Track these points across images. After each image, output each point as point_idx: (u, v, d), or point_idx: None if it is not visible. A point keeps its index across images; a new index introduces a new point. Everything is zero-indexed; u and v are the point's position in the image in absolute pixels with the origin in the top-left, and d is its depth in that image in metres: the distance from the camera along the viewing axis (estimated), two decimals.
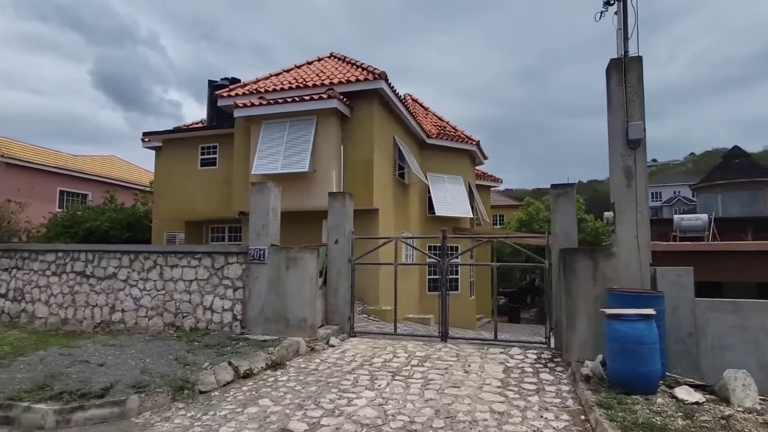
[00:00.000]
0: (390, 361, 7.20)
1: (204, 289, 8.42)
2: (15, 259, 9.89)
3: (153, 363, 6.25)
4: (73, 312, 9.26)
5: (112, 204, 21.64)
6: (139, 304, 8.80)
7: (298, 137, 13.09)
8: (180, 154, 16.85)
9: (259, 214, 8.28)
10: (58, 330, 9.26)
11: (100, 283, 9.13)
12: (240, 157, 14.48)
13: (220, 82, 17.77)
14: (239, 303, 8.19)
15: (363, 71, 13.74)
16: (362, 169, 13.25)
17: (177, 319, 8.52)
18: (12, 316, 9.75)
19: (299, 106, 12.99)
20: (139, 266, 8.89)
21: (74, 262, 9.38)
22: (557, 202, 7.92)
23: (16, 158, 21.29)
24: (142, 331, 8.65)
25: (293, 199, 13.14)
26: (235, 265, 8.30)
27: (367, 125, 13.40)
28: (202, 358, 6.56)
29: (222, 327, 8.22)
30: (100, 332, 8.93)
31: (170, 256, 8.69)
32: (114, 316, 8.93)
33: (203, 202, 16.34)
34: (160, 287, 8.71)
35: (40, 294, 9.58)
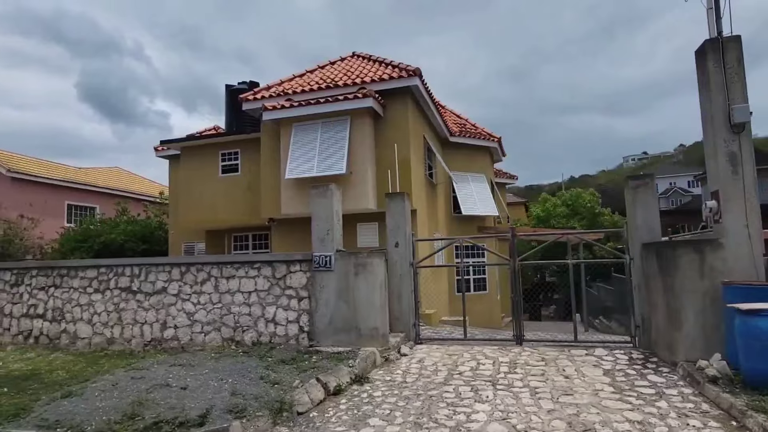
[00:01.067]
0: (477, 369, 6.78)
1: (265, 301, 7.94)
2: (52, 277, 9.33)
3: (238, 383, 5.77)
4: (119, 331, 8.72)
5: (124, 216, 21.01)
6: (193, 319, 8.29)
7: (331, 139, 12.65)
8: (199, 161, 16.33)
9: (322, 218, 7.83)
10: (105, 351, 8.71)
11: (149, 299, 8.61)
12: (268, 162, 14.00)
13: (238, 86, 17.28)
14: (305, 314, 7.72)
15: (394, 69, 13.33)
16: (399, 170, 12.82)
17: (236, 333, 8.02)
18: (51, 338, 9.19)
19: (332, 106, 12.54)
20: (192, 279, 8.39)
21: (119, 278, 8.85)
22: (636, 194, 7.54)
23: (23, 172, 20.59)
24: (198, 347, 8.14)
25: None
26: (298, 274, 7.83)
27: (401, 124, 12.99)
28: (286, 375, 6.09)
29: (287, 340, 7.74)
30: (152, 351, 8.40)
31: (226, 266, 8.20)
32: (166, 333, 8.41)
33: (226, 210, 15.83)
34: (215, 300, 8.21)
35: (82, 313, 9.03)
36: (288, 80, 14.75)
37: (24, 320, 9.44)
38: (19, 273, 9.61)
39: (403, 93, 12.95)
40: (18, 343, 9.41)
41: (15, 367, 7.65)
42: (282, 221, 13.94)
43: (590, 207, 24.76)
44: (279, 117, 13.08)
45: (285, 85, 14.41)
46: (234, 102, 17.19)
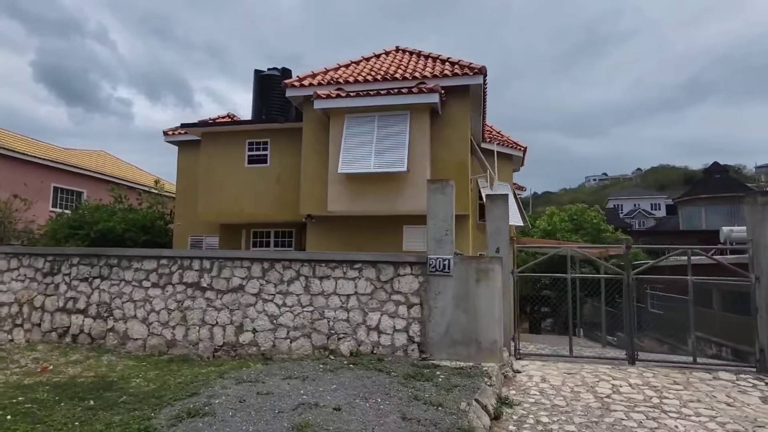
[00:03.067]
0: (620, 392, 6.19)
1: (367, 306, 7.07)
2: (98, 267, 8.10)
3: (390, 404, 4.91)
4: (183, 332, 7.61)
5: (120, 204, 19.35)
6: (277, 323, 7.31)
7: (390, 133, 11.85)
8: (222, 149, 15.11)
9: (439, 216, 7.06)
10: (164, 354, 7.58)
11: (222, 297, 7.56)
12: (311, 154, 13.02)
13: (269, 72, 16.20)
14: (416, 322, 6.90)
15: (454, 65, 12.70)
16: (454, 171, 12.13)
17: (330, 341, 7.10)
18: (94, 337, 7.95)
19: (392, 99, 11.76)
20: (276, 277, 7.41)
21: (184, 272, 7.74)
22: (765, 211, 7.19)
23: (9, 148, 18.62)
24: (283, 355, 7.16)
25: (383, 202, 11.91)
26: (408, 278, 7.01)
27: (460, 124, 12.34)
28: (436, 395, 5.27)
29: (393, 351, 6.90)
30: (225, 357, 7.35)
31: (319, 265, 7.27)
32: (242, 338, 7.38)
33: (253, 204, 14.67)
34: (305, 303, 7.26)
35: (136, 310, 7.85)
36: (333, 69, 13.85)
37: (59, 315, 8.15)
38: (56, 260, 8.31)
39: (463, 91, 12.32)
40: (50, 341, 8.11)
41: (72, 372, 6.46)
42: (322, 219, 12.99)
43: (596, 223, 24.88)
44: (331, 106, 12.16)
45: (331, 74, 13.51)
46: (263, 89, 16.11)
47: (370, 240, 12.46)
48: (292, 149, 14.51)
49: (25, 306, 8.31)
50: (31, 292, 8.32)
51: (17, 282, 8.42)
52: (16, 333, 8.29)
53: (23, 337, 8.25)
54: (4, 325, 8.36)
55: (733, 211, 40.22)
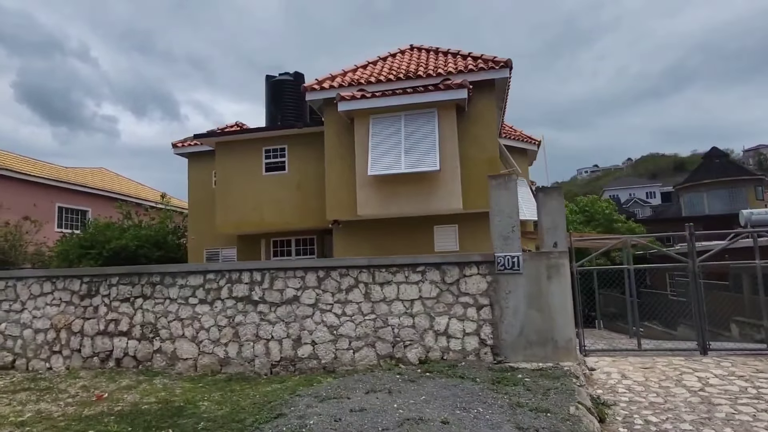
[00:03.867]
0: (710, 384, 5.93)
1: (433, 310, 6.75)
2: (140, 286, 7.70)
3: (495, 413, 4.59)
4: (236, 349, 7.24)
5: (129, 221, 18.87)
6: (337, 333, 6.96)
7: (418, 132, 11.56)
8: (238, 158, 14.72)
9: (504, 212, 6.77)
10: (216, 373, 7.20)
11: (275, 310, 7.20)
12: (334, 158, 12.69)
13: (281, 78, 15.89)
14: (487, 324, 6.60)
15: (476, 60, 12.45)
16: (484, 168, 11.85)
17: (396, 349, 6.77)
18: (140, 360, 7.54)
19: (418, 97, 11.47)
20: (334, 286, 7.06)
21: (233, 285, 7.37)
22: None
23: (11, 169, 18.07)
24: (347, 367, 6.82)
25: (415, 203, 11.62)
26: (475, 278, 6.71)
27: (487, 119, 12.08)
28: (536, 401, 4.97)
29: (465, 355, 6.59)
30: (285, 373, 6.99)
31: (379, 270, 6.95)
32: (301, 351, 7.02)
33: (273, 212, 14.29)
34: (367, 311, 6.93)
35: (183, 328, 7.47)
36: (351, 71, 13.56)
37: (101, 339, 7.73)
38: (93, 281, 7.89)
39: (489, 86, 12.07)
40: (93, 366, 7.68)
41: (131, 399, 6.06)
42: (348, 224, 12.66)
43: (608, 213, 24.76)
44: (356, 108, 11.85)
45: (350, 75, 13.22)
46: (276, 94, 15.81)
47: (400, 243, 12.16)
48: (311, 154, 14.19)
49: (63, 331, 7.88)
50: (68, 316, 7.90)
51: (52, 306, 7.99)
52: (54, 360, 7.85)
53: (62, 364, 7.82)
54: (40, 352, 7.93)
55: (734, 195, 40.47)
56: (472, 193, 11.58)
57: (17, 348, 8.00)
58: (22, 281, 8.15)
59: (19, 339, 8.02)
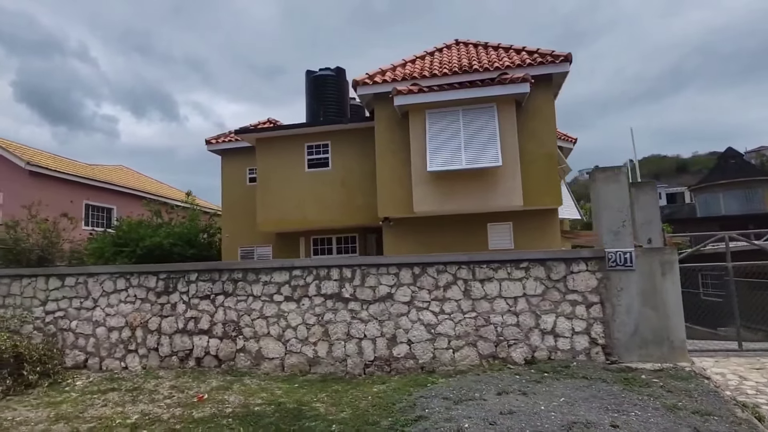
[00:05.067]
0: None
1: (539, 308, 6.49)
2: (221, 282, 7.42)
3: (658, 417, 4.33)
4: (326, 348, 6.96)
5: (158, 219, 18.57)
6: (435, 332, 6.69)
7: (478, 127, 11.30)
8: (279, 155, 14.45)
9: (614, 207, 6.51)
10: (305, 373, 6.92)
11: (367, 308, 6.92)
12: (386, 154, 12.42)
13: (322, 73, 15.60)
14: (597, 323, 6.34)
15: (530, 54, 12.20)
16: (543, 164, 11.63)
17: (500, 349, 6.51)
18: (222, 359, 7.25)
19: (479, 91, 11.20)
20: (430, 283, 6.80)
21: (321, 282, 7.10)
22: None
23: (42, 166, 17.74)
24: (446, 367, 6.54)
25: (474, 200, 11.35)
26: (583, 274, 6.45)
27: (545, 114, 11.82)
28: (690, 403, 4.71)
29: (574, 355, 6.33)
30: (380, 373, 6.71)
31: (480, 266, 6.68)
32: (396, 350, 6.75)
33: (316, 210, 14.01)
34: (466, 309, 6.66)
35: (269, 327, 7.18)
36: (400, 65, 13.29)
37: (179, 337, 7.44)
38: (171, 278, 7.61)
39: (546, 80, 11.82)
40: (171, 366, 7.40)
41: (236, 401, 5.77)
42: (400, 221, 12.39)
43: None
44: (413, 102, 11.57)
45: (400, 69, 12.95)
46: (317, 90, 15.54)
47: (452, 241, 11.91)
48: (355, 150, 13.95)
49: (139, 329, 7.59)
50: (144, 314, 7.61)
51: (127, 304, 7.70)
52: (130, 359, 7.56)
53: (138, 364, 7.52)
54: (114, 351, 7.64)
55: (749, 196, 40.36)
56: (531, 189, 11.36)
57: (89, 347, 7.71)
58: (93, 278, 7.86)
59: (91, 337, 7.73)
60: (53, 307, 7.94)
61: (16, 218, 13.89)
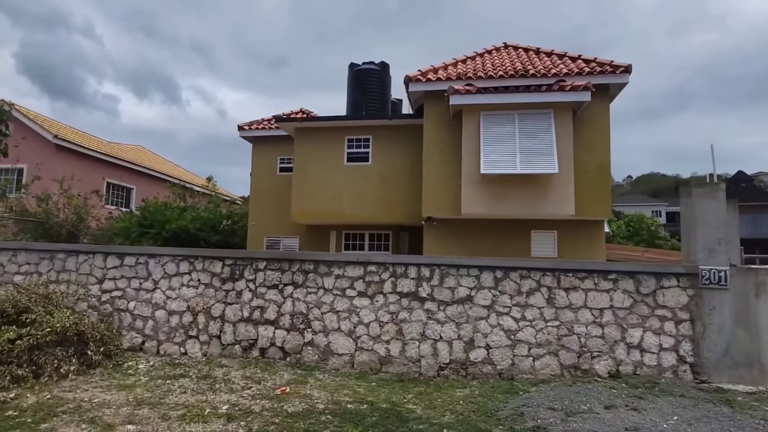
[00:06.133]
0: None
1: (626, 321, 6.35)
2: (291, 273, 7.22)
3: None
4: (399, 347, 6.79)
5: (181, 202, 18.31)
6: (515, 338, 6.54)
7: (534, 132, 11.15)
8: (318, 146, 14.22)
9: (710, 223, 6.38)
10: (376, 372, 6.75)
11: (445, 309, 6.76)
12: (433, 153, 12.26)
13: (365, 66, 15.40)
14: (687, 340, 6.21)
15: (587, 62, 12.07)
16: (594, 174, 11.52)
17: (582, 360, 6.37)
18: (288, 352, 7.06)
19: (538, 96, 11.07)
20: (513, 288, 6.64)
21: (397, 280, 6.92)
22: None
23: (69, 140, 17.41)
24: (525, 375, 6.40)
25: (525, 206, 11.22)
26: (674, 290, 6.32)
27: (600, 124, 11.71)
28: None
29: (660, 372, 6.20)
30: (455, 376, 6.55)
31: (565, 275, 6.54)
32: (473, 355, 6.59)
33: (354, 204, 13.82)
34: (549, 317, 6.51)
35: (339, 322, 7.00)
36: (452, 65, 13.12)
37: (244, 326, 7.24)
38: (237, 264, 7.39)
39: (603, 90, 11.70)
40: (233, 355, 7.19)
41: (323, 397, 5.59)
42: (443, 222, 12.23)
43: (653, 230, 24.65)
44: (468, 102, 11.41)
45: (451, 69, 12.78)
46: (360, 83, 15.34)
47: (496, 245, 11.77)
48: (397, 147, 13.78)
49: (201, 315, 7.38)
50: (207, 299, 7.40)
51: (189, 288, 7.48)
52: (190, 345, 7.35)
53: (199, 350, 7.31)
54: (174, 336, 7.42)
55: (758, 220, 40.60)
56: (582, 199, 11.24)
57: (147, 329, 7.49)
58: (155, 258, 7.63)
59: (150, 320, 7.51)
60: (110, 286, 7.70)
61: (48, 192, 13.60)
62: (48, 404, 5.25)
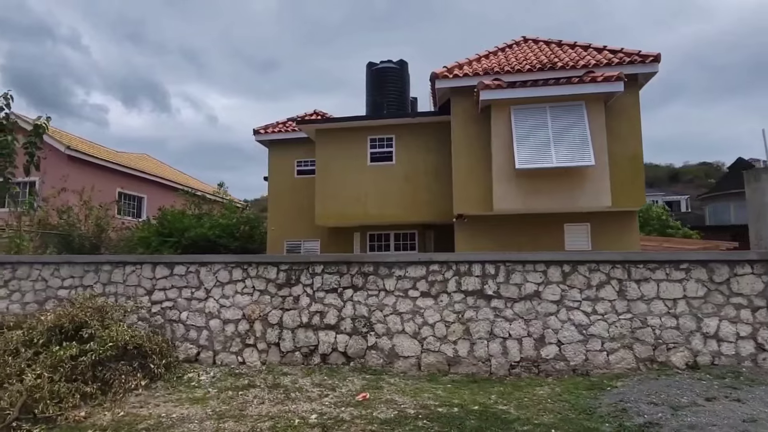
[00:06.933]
0: None
1: (700, 311, 6.26)
2: (350, 276, 7.06)
3: None
4: (467, 347, 6.65)
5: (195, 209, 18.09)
6: (587, 333, 6.43)
7: (566, 126, 11.07)
8: (339, 147, 14.07)
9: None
10: (445, 373, 6.60)
11: (512, 306, 6.63)
12: (463, 150, 12.15)
13: (383, 65, 15.29)
14: (765, 328, 6.13)
15: (612, 53, 12.00)
16: (627, 166, 11.47)
17: (658, 352, 6.26)
18: (351, 357, 6.90)
19: (569, 89, 10.98)
20: (582, 281, 6.53)
21: (461, 278, 6.78)
22: None
23: (81, 151, 17.11)
24: (600, 369, 6.29)
25: (560, 199, 11.13)
26: (748, 278, 6.24)
27: (631, 115, 11.65)
28: None
29: (739, 361, 6.11)
30: (527, 375, 6.43)
31: (636, 266, 6.43)
32: (545, 351, 6.47)
33: (378, 205, 13.69)
34: (621, 309, 6.41)
35: (403, 323, 6.85)
36: (476, 60, 13.02)
37: (303, 332, 7.07)
38: (293, 269, 7.22)
39: (631, 80, 11.63)
40: (294, 362, 7.02)
41: (404, 401, 5.43)
42: (475, 219, 12.11)
43: (664, 219, 24.66)
44: (498, 97, 11.30)
45: (475, 64, 12.67)
46: (379, 82, 15.23)
47: (529, 240, 11.69)
48: (420, 145, 13.68)
49: (257, 323, 7.19)
50: (263, 306, 7.22)
51: (243, 295, 7.30)
52: (248, 354, 7.16)
53: (258, 359, 7.13)
54: (230, 345, 7.23)
55: None
56: (616, 189, 11.16)
57: (202, 340, 7.29)
58: (206, 267, 7.44)
59: (204, 330, 7.31)
60: (160, 297, 7.50)
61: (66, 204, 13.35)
62: (126, 422, 5.07)
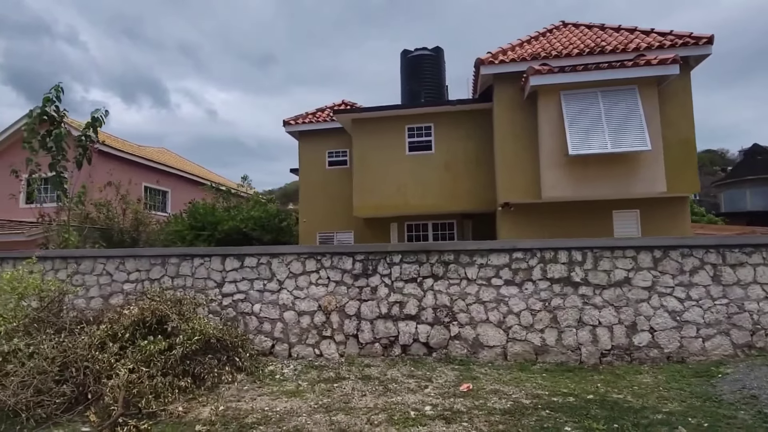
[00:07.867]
0: None
1: None
2: (429, 264, 6.89)
3: None
4: (555, 336, 6.50)
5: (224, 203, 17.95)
6: (681, 319, 6.27)
7: (619, 110, 10.85)
8: (377, 137, 13.85)
9: None
10: (532, 363, 6.46)
11: (601, 293, 6.47)
12: (507, 137, 11.92)
13: (419, 53, 15.03)
14: None
15: (661, 35, 11.76)
16: (679, 150, 11.26)
17: (756, 338, 6.11)
18: (433, 347, 6.75)
19: (621, 72, 10.72)
20: (674, 267, 6.36)
21: (546, 265, 6.62)
22: None
23: (108, 145, 16.89)
24: (697, 357, 6.14)
25: (614, 186, 10.93)
26: None
27: (682, 99, 11.41)
28: None
29: None
30: (616, 362, 6.28)
31: (730, 251, 6.26)
32: (637, 339, 6.32)
33: (418, 194, 13.48)
34: (716, 295, 6.25)
35: (487, 312, 6.69)
36: (518, 45, 12.76)
37: (382, 323, 6.91)
38: (369, 260, 7.06)
39: (684, 63, 11.39)
40: (374, 353, 6.87)
41: (512, 392, 5.29)
42: (520, 207, 11.92)
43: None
44: (549, 82, 11.05)
45: (518, 50, 12.42)
46: (415, 70, 14.99)
47: (576, 227, 11.51)
48: (460, 133, 13.48)
49: (334, 314, 7.04)
50: (339, 297, 7.06)
51: (318, 286, 7.14)
52: (325, 346, 7.02)
53: (335, 351, 6.98)
54: (306, 337, 7.09)
55: None
56: (669, 175, 10.96)
57: (276, 332, 7.14)
58: (278, 258, 7.28)
59: (278, 322, 7.16)
60: (231, 289, 7.35)
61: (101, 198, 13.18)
62: (229, 416, 4.93)
